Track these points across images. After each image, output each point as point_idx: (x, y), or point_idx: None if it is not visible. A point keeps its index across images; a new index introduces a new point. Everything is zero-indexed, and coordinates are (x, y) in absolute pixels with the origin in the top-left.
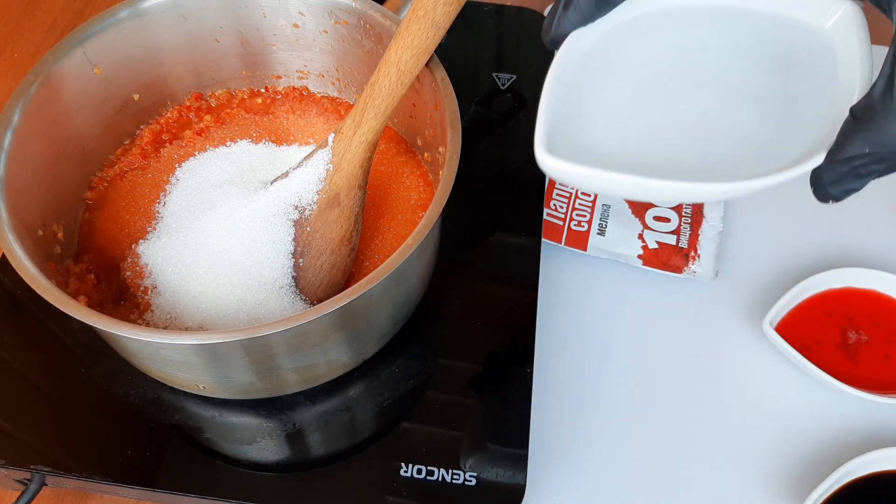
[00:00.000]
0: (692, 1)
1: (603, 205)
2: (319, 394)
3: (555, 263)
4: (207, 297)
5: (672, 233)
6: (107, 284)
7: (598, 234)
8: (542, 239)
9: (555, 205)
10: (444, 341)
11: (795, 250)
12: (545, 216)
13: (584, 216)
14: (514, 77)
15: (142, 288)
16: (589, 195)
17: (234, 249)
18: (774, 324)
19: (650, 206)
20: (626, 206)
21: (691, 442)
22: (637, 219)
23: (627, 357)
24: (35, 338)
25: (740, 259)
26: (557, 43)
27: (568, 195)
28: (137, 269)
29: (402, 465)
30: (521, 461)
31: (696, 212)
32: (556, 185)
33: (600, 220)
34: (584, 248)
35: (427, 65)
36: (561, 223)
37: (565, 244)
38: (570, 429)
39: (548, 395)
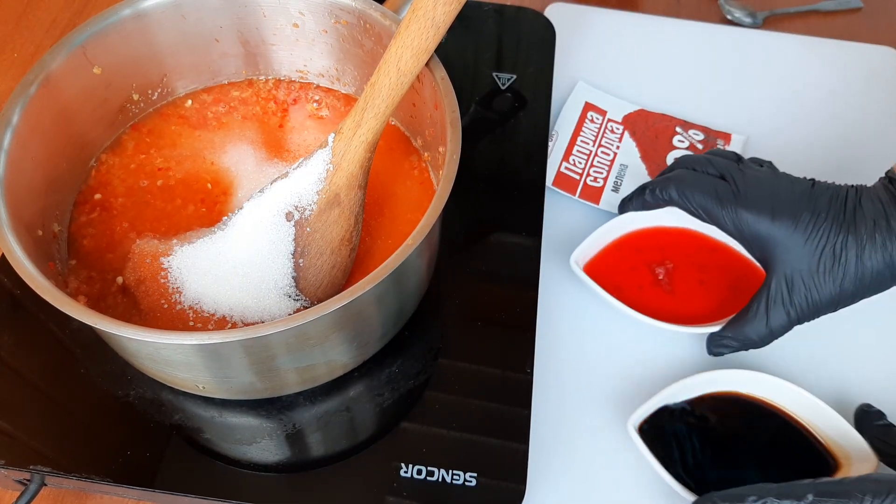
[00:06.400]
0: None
1: (621, 164)
2: (319, 394)
3: (564, 213)
4: (209, 298)
5: None
6: (107, 285)
7: (613, 190)
8: (557, 189)
9: (573, 160)
10: (444, 341)
11: None
12: (563, 169)
13: (601, 173)
14: (514, 77)
15: (142, 288)
16: (609, 154)
17: (233, 250)
18: (582, 264)
19: (667, 166)
20: (644, 166)
21: None
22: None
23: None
24: (35, 338)
25: None
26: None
27: (588, 153)
28: (138, 269)
29: (402, 465)
30: (521, 461)
31: None
32: (577, 142)
33: (616, 178)
34: (597, 202)
35: (427, 64)
36: (578, 177)
37: (579, 197)
38: (570, 429)
39: (548, 395)
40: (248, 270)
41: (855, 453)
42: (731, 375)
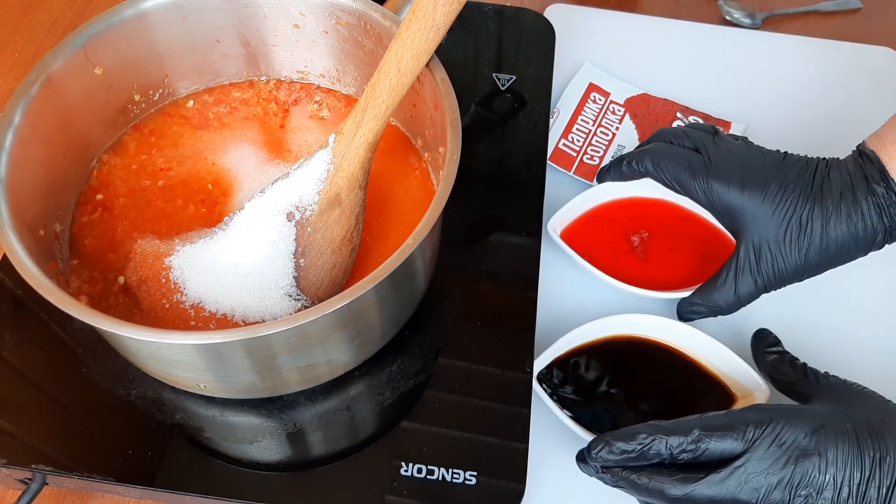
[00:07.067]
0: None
1: (618, 145)
2: (320, 393)
3: (558, 189)
4: (210, 298)
5: None
6: (108, 285)
7: None
8: (553, 165)
9: (573, 137)
10: (443, 341)
11: None
12: (560, 145)
13: (598, 152)
14: (514, 77)
15: (144, 288)
16: (608, 134)
17: (234, 250)
18: (559, 231)
19: None
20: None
21: None
22: None
23: None
24: (36, 337)
25: None
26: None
27: (587, 132)
28: (140, 269)
29: (403, 464)
30: (521, 461)
31: None
32: (578, 121)
33: (612, 157)
34: (591, 180)
35: (427, 65)
36: (575, 154)
37: (574, 173)
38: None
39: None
40: (249, 270)
41: (749, 385)
42: (625, 320)
